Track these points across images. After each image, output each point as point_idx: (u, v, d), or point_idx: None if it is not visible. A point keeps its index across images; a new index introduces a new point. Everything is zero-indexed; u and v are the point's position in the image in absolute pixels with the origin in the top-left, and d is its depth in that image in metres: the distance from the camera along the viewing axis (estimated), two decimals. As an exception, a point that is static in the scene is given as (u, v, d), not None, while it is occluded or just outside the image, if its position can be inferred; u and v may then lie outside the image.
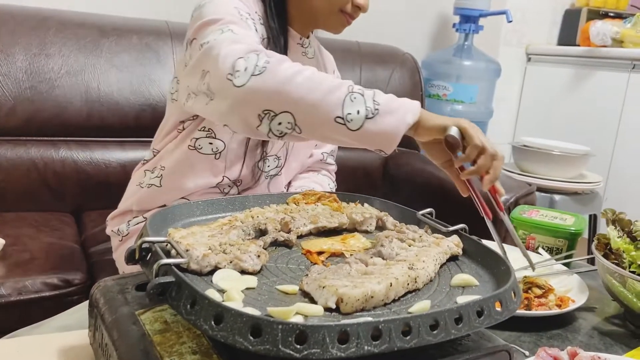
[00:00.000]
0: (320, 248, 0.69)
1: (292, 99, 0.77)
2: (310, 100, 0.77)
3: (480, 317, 0.51)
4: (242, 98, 0.78)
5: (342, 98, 0.77)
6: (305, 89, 0.77)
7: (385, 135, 0.78)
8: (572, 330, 0.84)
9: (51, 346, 0.66)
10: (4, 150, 1.46)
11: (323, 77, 0.79)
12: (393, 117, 0.77)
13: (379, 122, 0.77)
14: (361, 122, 0.77)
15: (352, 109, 0.77)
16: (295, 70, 0.78)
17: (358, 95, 0.78)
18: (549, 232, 1.08)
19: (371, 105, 0.77)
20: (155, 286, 0.49)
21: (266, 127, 0.79)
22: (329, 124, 0.77)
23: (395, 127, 0.77)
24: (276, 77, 0.77)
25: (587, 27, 2.49)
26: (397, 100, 0.80)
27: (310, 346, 0.43)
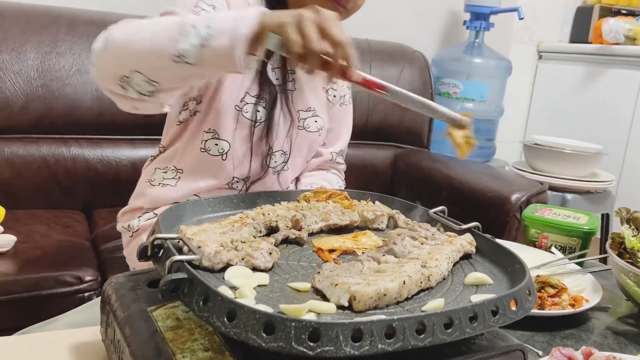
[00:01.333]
0: (332, 246, 0.68)
1: (131, 57, 0.76)
2: (146, 50, 0.76)
3: (495, 316, 0.50)
4: (99, 74, 0.82)
5: (173, 36, 0.74)
6: (140, 41, 0.76)
7: (224, 57, 0.73)
8: (586, 330, 0.83)
9: (63, 343, 0.67)
10: (15, 147, 1.47)
11: (155, 22, 0.78)
12: (226, 36, 0.72)
13: (214, 46, 0.73)
14: (198, 53, 0.73)
15: (185, 44, 0.73)
16: (132, 28, 0.78)
17: (189, 27, 0.74)
18: (562, 231, 1.07)
19: (204, 32, 0.73)
20: (167, 283, 0.49)
21: (133, 92, 0.80)
22: (171, 66, 0.75)
23: (230, 46, 0.72)
24: (116, 43, 0.77)
25: (599, 25, 2.47)
26: (232, 15, 0.75)
27: (323, 344, 0.43)
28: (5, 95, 1.44)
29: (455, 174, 1.74)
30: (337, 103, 1.20)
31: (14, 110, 1.45)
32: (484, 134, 2.35)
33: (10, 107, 1.45)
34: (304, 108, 1.10)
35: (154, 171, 1.06)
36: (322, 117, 1.12)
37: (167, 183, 1.04)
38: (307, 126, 1.10)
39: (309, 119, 1.10)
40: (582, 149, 1.96)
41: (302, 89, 1.09)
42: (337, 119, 1.21)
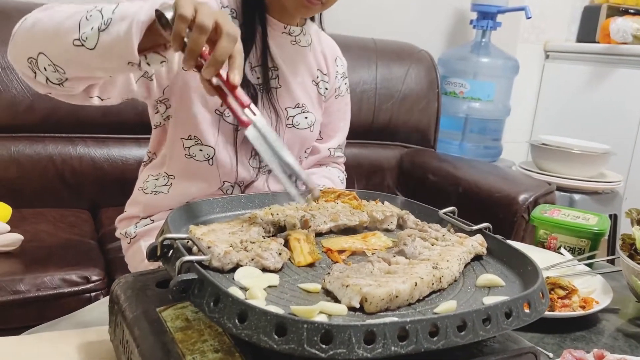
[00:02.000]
0: (341, 246, 0.68)
1: (39, 37, 0.75)
2: (52, 31, 0.74)
3: (509, 319, 0.49)
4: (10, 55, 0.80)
5: (78, 20, 0.72)
6: (50, 22, 0.74)
7: (120, 43, 0.70)
8: (596, 332, 0.82)
9: (71, 342, 0.66)
10: (22, 146, 1.47)
11: (66, 7, 0.76)
12: (125, 21, 0.69)
13: (112, 32, 0.70)
14: (96, 37, 0.71)
15: (87, 28, 0.71)
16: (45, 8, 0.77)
17: (96, 12, 0.72)
18: (572, 232, 1.06)
19: (107, 17, 0.71)
20: (178, 283, 0.48)
21: (41, 76, 0.78)
22: (70, 49, 0.72)
23: (125, 32, 0.69)
24: (27, 23, 0.76)
25: (607, 24, 2.45)
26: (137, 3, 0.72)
27: (336, 346, 0.42)
28: (12, 94, 1.44)
29: (463, 174, 1.73)
30: (332, 96, 1.17)
31: (21, 109, 1.45)
32: (491, 134, 2.34)
33: (17, 106, 1.45)
34: (292, 105, 1.07)
35: (147, 178, 1.05)
36: (313, 112, 1.10)
37: (160, 190, 1.03)
38: (297, 123, 1.07)
39: (298, 116, 1.07)
40: (590, 149, 1.95)
41: (289, 85, 1.05)
42: (333, 112, 1.19)
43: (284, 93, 1.05)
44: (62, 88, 0.79)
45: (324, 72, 1.13)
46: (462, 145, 2.27)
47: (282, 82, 1.05)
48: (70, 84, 0.79)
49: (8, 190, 1.42)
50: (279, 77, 1.04)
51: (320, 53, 1.13)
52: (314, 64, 1.11)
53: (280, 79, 1.04)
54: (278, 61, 1.03)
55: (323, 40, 1.16)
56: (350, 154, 1.33)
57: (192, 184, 1.02)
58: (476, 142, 2.29)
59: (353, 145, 1.84)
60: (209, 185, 1.02)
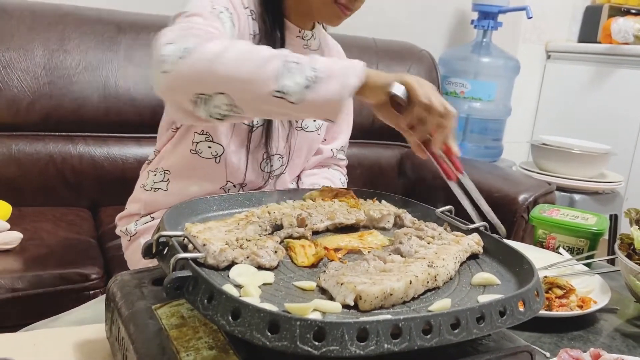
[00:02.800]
0: (337, 245, 0.68)
1: (222, 78, 0.73)
2: (242, 77, 0.72)
3: (503, 317, 0.49)
4: (170, 85, 0.75)
5: (276, 70, 0.72)
6: (235, 65, 0.72)
7: (330, 103, 0.72)
8: (594, 332, 0.82)
9: (68, 340, 0.66)
10: (22, 145, 1.48)
11: (255, 50, 0.75)
12: (335, 82, 0.72)
13: (320, 90, 0.71)
14: (301, 93, 0.71)
15: (288, 81, 0.71)
16: (223, 47, 0.74)
17: (294, 64, 0.72)
18: (570, 232, 1.06)
19: (310, 73, 0.72)
20: (172, 280, 0.48)
21: (203, 111, 0.75)
22: (267, 99, 0.72)
23: (338, 93, 0.72)
24: (202, 57, 0.73)
25: (608, 24, 2.45)
26: (338, 63, 0.74)
27: (328, 343, 0.42)
28: (13, 92, 1.44)
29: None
30: None
31: (21, 108, 1.46)
32: (491, 134, 2.33)
33: (18, 105, 1.45)
34: None
35: (147, 175, 1.06)
36: None
37: (159, 187, 1.03)
38: (306, 126, 1.08)
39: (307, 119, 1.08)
40: (591, 150, 1.94)
41: None
42: None
43: None
44: (218, 122, 0.78)
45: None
46: (462, 145, 2.27)
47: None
48: (232, 120, 0.79)
49: (8, 189, 1.42)
50: None
51: (327, 56, 1.13)
52: None
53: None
54: None
55: (330, 43, 1.17)
56: (351, 154, 1.33)
57: (191, 181, 1.02)
58: (477, 142, 2.29)
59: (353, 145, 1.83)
60: (211, 183, 1.02)
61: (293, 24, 1.03)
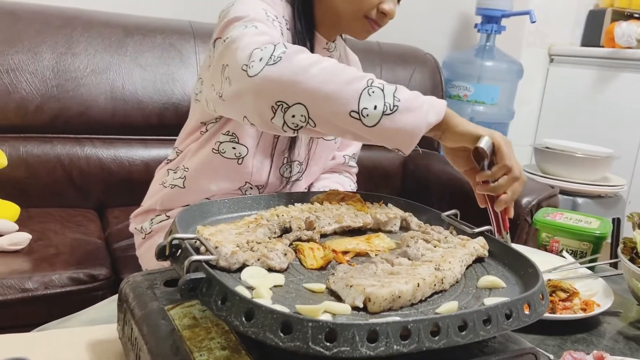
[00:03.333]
0: (345, 247, 0.69)
1: (305, 91, 0.74)
2: (325, 92, 0.73)
3: (509, 319, 0.51)
4: (254, 88, 0.76)
5: (359, 91, 0.73)
6: (320, 80, 0.74)
7: (404, 134, 0.73)
8: (597, 335, 0.83)
9: (80, 340, 0.68)
10: (30, 147, 1.49)
11: (342, 69, 0.76)
12: (413, 115, 0.73)
13: (397, 120, 0.73)
14: (378, 118, 0.73)
15: (369, 104, 0.73)
16: (312, 61, 0.75)
17: (377, 89, 0.74)
18: (574, 235, 1.07)
19: (390, 101, 0.73)
20: (186, 282, 0.50)
21: (280, 119, 0.76)
22: (343, 117, 0.74)
23: (414, 126, 0.73)
24: (290, 67, 0.74)
25: (611, 28, 2.45)
26: (420, 97, 0.75)
27: (340, 344, 0.43)
28: (21, 94, 1.46)
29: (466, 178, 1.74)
30: None
31: (30, 110, 1.47)
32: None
33: (26, 107, 1.47)
34: None
35: (167, 173, 1.07)
36: None
37: (176, 184, 1.04)
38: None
39: None
40: (594, 153, 1.95)
41: None
42: None
43: None
44: (292, 133, 0.79)
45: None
46: (465, 149, 2.27)
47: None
48: (302, 133, 0.80)
49: (16, 190, 1.44)
50: None
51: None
52: None
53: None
54: None
55: (349, 55, 1.20)
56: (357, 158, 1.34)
57: (212, 180, 1.02)
58: (480, 145, 2.29)
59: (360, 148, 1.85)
60: (230, 183, 1.03)
61: (321, 36, 1.05)
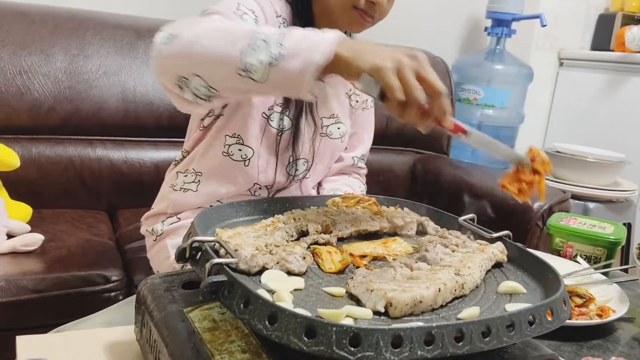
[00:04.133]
0: (363, 251, 0.69)
1: (197, 61, 0.73)
2: (213, 58, 0.72)
3: (532, 326, 0.50)
4: (156, 71, 0.78)
5: (242, 48, 0.70)
6: (209, 46, 0.72)
7: (293, 81, 0.69)
8: (613, 341, 0.82)
9: (98, 341, 0.68)
10: (43, 148, 1.50)
11: (232, 30, 0.73)
12: (299, 59, 0.68)
13: (282, 68, 0.68)
14: (265, 71, 0.69)
15: (252, 59, 0.69)
16: (203, 29, 0.74)
17: (261, 42, 0.70)
18: (588, 241, 1.06)
19: (276, 50, 0.69)
20: (208, 285, 0.50)
21: (189, 94, 0.76)
22: (234, 78, 0.71)
23: (301, 70, 0.68)
24: (183, 40, 0.74)
25: (622, 32, 2.44)
26: (309, 37, 0.70)
27: (364, 349, 0.43)
28: (34, 96, 1.47)
29: (476, 180, 1.73)
30: (360, 108, 1.20)
31: (42, 112, 1.48)
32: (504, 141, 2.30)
33: (39, 108, 1.48)
34: (328, 115, 1.09)
35: (176, 176, 1.07)
36: (345, 123, 1.12)
37: (189, 188, 1.04)
38: (330, 133, 1.10)
39: (332, 126, 1.10)
40: (605, 158, 1.94)
41: (326, 96, 1.08)
42: (360, 124, 1.21)
43: (321, 103, 1.08)
44: (208, 103, 0.78)
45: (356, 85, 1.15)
46: (474, 152, 2.27)
47: (321, 92, 1.07)
48: (219, 101, 0.79)
49: (28, 191, 1.44)
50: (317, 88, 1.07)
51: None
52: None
53: (319, 89, 1.06)
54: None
55: None
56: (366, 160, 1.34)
57: (221, 183, 1.03)
58: (489, 148, 2.29)
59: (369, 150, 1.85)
60: (240, 185, 1.03)
61: None
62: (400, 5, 1.05)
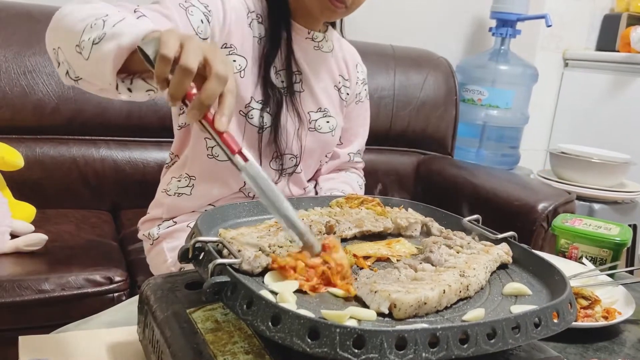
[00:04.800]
0: (366, 252, 0.68)
1: (60, 32, 0.73)
2: (66, 29, 0.72)
3: (538, 328, 0.50)
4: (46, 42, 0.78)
5: (87, 24, 0.69)
6: (69, 20, 0.72)
7: (103, 62, 0.66)
8: (619, 343, 0.82)
9: (100, 341, 0.68)
10: (47, 148, 1.50)
11: (97, 10, 0.72)
12: (114, 41, 0.65)
13: (101, 48, 0.66)
14: (89, 49, 0.67)
15: (86, 36, 0.68)
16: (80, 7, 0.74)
17: (100, 21, 0.68)
18: (593, 242, 1.05)
19: (109, 30, 0.67)
20: (211, 285, 0.49)
21: (62, 68, 0.75)
22: (71, 53, 0.70)
23: (108, 52, 0.66)
24: (60, 14, 0.75)
25: (627, 33, 2.43)
26: (136, 22, 0.69)
27: (368, 351, 0.43)
28: (38, 96, 1.47)
29: (480, 181, 1.73)
30: (352, 101, 1.19)
31: (46, 112, 1.48)
32: (509, 142, 2.33)
33: (43, 108, 1.48)
34: (315, 109, 1.08)
35: (170, 180, 1.07)
36: (335, 117, 1.11)
37: (183, 192, 1.04)
38: (319, 127, 1.09)
39: (320, 120, 1.09)
40: (610, 159, 1.93)
41: (312, 89, 1.07)
42: (353, 118, 1.20)
43: (307, 97, 1.07)
44: (79, 86, 0.76)
45: (345, 77, 1.15)
46: (479, 153, 2.26)
47: (306, 86, 1.06)
48: (85, 85, 0.76)
49: (32, 191, 1.44)
50: (302, 81, 1.06)
51: (341, 59, 1.14)
52: (335, 70, 1.12)
53: (303, 83, 1.06)
54: (302, 66, 1.05)
55: (344, 46, 1.17)
56: (367, 160, 1.34)
57: (213, 185, 1.03)
58: (494, 149, 2.28)
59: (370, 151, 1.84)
60: (231, 186, 1.03)
61: (301, 26, 1.04)
62: (405, 5, 1.04)
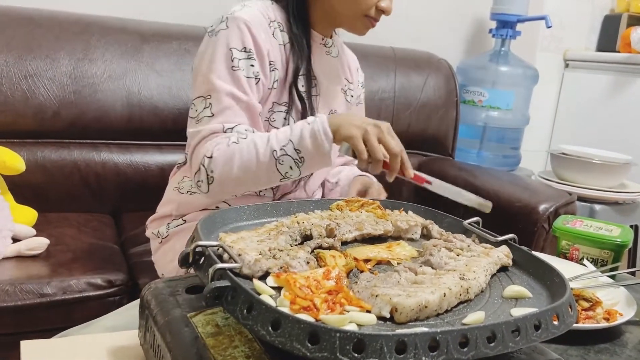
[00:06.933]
0: (367, 256, 0.68)
1: (244, 187, 0.98)
2: (254, 181, 0.96)
3: (538, 331, 0.50)
4: (211, 198, 1.01)
5: (273, 167, 0.92)
6: (248, 179, 0.94)
7: (321, 165, 0.94)
8: (620, 345, 0.82)
9: (102, 346, 0.68)
10: (48, 152, 1.50)
11: (252, 152, 0.92)
12: (315, 152, 0.91)
13: (309, 164, 0.92)
14: (298, 171, 0.93)
15: (284, 169, 0.92)
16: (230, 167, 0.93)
17: (283, 157, 0.91)
18: (594, 243, 1.05)
19: (296, 156, 0.91)
20: (211, 290, 0.49)
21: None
22: (278, 183, 0.96)
23: (322, 157, 0.91)
24: (223, 180, 0.95)
25: (627, 33, 2.43)
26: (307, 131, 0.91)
27: (368, 355, 0.43)
28: (40, 100, 1.47)
29: (481, 183, 1.73)
30: (355, 103, 1.24)
31: (47, 116, 1.48)
32: (509, 143, 2.33)
33: (44, 112, 1.48)
34: (327, 111, 1.13)
35: (182, 179, 1.07)
36: None
37: (196, 191, 1.05)
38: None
39: None
40: (611, 159, 1.93)
41: (325, 93, 1.12)
42: None
43: (321, 100, 1.11)
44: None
45: (350, 80, 1.19)
46: (480, 154, 2.26)
47: (320, 90, 1.11)
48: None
49: (34, 195, 1.44)
50: (317, 86, 1.10)
51: (345, 63, 1.19)
52: (342, 73, 1.17)
53: (318, 87, 1.10)
54: (317, 71, 1.10)
55: (346, 51, 1.23)
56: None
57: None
58: (494, 150, 2.28)
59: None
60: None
61: (317, 33, 1.10)
62: (405, 7, 1.09)
